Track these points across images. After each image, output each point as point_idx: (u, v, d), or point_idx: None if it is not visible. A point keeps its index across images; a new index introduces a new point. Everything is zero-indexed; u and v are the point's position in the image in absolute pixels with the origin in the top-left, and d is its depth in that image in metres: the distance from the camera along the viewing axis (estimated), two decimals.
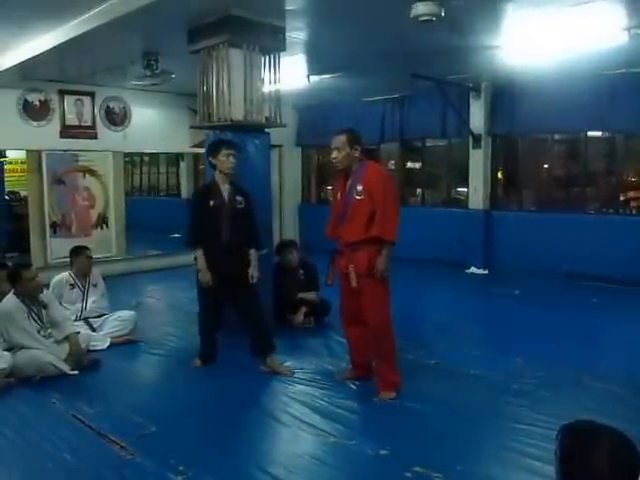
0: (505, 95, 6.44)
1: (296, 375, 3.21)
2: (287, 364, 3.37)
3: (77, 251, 4.03)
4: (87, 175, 6.46)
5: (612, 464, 1.00)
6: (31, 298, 3.27)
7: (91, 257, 4.06)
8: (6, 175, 7.59)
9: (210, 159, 3.26)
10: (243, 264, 3.20)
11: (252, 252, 3.23)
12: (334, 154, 2.86)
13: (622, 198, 6.21)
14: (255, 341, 3.30)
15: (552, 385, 2.99)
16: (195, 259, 3.20)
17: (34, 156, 6.13)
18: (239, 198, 3.23)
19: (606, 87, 5.62)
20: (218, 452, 2.34)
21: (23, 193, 7.24)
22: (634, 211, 6.25)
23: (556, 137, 6.59)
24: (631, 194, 6.30)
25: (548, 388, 2.95)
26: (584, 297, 5.27)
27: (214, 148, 3.27)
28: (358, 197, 2.76)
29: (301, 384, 3.08)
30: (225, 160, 3.19)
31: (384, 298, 2.85)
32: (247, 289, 3.24)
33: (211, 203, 3.17)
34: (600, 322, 4.46)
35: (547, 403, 2.74)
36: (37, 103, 6.06)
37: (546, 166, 6.77)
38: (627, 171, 6.34)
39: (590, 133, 6.15)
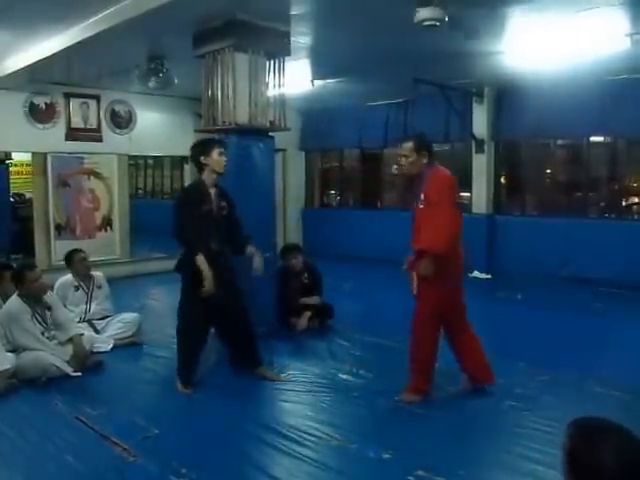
0: (508, 100, 6.46)
1: (299, 378, 3.21)
2: (290, 367, 3.37)
3: (68, 258, 3.99)
4: (92, 178, 6.50)
5: (620, 461, 1.00)
6: (35, 300, 3.28)
7: (85, 258, 4.00)
8: (12, 177, 7.64)
9: (201, 159, 2.99)
10: (231, 273, 3.06)
11: (251, 247, 3.07)
12: (402, 161, 2.82)
13: (624, 203, 6.20)
14: (241, 356, 3.19)
15: (555, 390, 2.98)
16: (195, 265, 2.85)
17: (39, 158, 6.18)
18: (223, 204, 3.04)
19: (609, 92, 5.63)
20: (221, 455, 2.34)
21: (28, 195, 7.29)
22: (636, 216, 6.24)
23: (559, 142, 6.60)
24: (634, 199, 6.30)
25: (551, 393, 2.94)
26: (587, 301, 5.25)
27: (205, 147, 3.01)
28: (421, 206, 2.73)
29: (303, 387, 3.08)
30: (219, 158, 2.97)
31: (425, 305, 2.77)
32: (236, 300, 3.08)
33: (204, 208, 2.95)
34: (603, 326, 4.44)
35: (550, 408, 2.73)
36: (43, 106, 6.11)
37: (549, 171, 6.77)
38: (629, 176, 6.34)
39: (593, 138, 6.16)
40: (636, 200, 6.46)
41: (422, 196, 2.72)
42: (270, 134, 4.04)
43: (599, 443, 1.02)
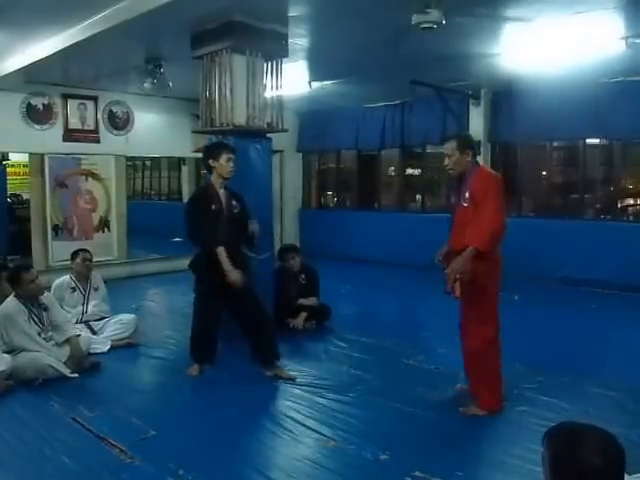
0: (504, 102, 6.48)
1: (296, 379, 3.21)
2: (287, 368, 3.37)
3: (74, 254, 4.07)
4: (89, 178, 6.49)
5: (605, 459, 1.02)
6: (32, 300, 3.28)
7: (89, 260, 4.05)
8: (9, 178, 7.62)
9: (210, 162, 3.16)
10: (243, 268, 3.17)
11: (252, 222, 3.21)
12: (446, 161, 2.76)
13: (620, 205, 6.24)
14: (259, 349, 3.26)
15: (552, 390, 3.00)
16: (210, 261, 3.04)
17: (37, 159, 6.16)
18: (234, 203, 3.20)
19: (604, 95, 5.66)
20: (218, 456, 2.34)
21: (25, 196, 7.28)
22: (632, 217, 6.27)
23: (555, 144, 6.63)
24: (629, 201, 6.34)
25: (548, 394, 2.95)
26: (583, 303, 5.28)
27: (215, 151, 3.20)
28: (465, 204, 2.68)
29: (301, 388, 3.08)
30: (226, 164, 3.14)
31: (484, 316, 2.67)
32: (248, 293, 3.20)
33: (212, 207, 3.13)
34: (599, 328, 4.46)
35: (547, 408, 2.74)
36: (40, 107, 6.10)
37: (545, 173, 6.80)
38: (625, 178, 6.38)
39: (588, 140, 6.20)
40: (631, 202, 6.50)
41: (467, 194, 2.67)
42: (267, 135, 4.05)
43: (581, 445, 1.04)
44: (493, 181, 2.70)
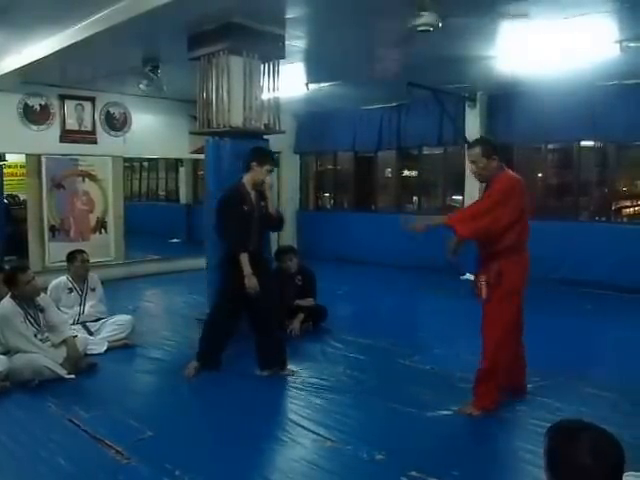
0: (500, 104, 6.53)
1: (293, 380, 3.22)
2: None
3: (72, 256, 4.04)
4: (86, 179, 6.48)
5: (595, 459, 1.03)
6: (28, 301, 3.27)
7: (87, 261, 4.05)
8: (5, 178, 7.59)
9: (253, 163, 3.18)
10: (264, 268, 3.21)
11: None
12: (472, 167, 2.69)
13: (614, 207, 6.29)
14: (268, 355, 3.26)
15: (547, 391, 3.01)
16: (234, 264, 3.06)
17: (34, 160, 6.15)
18: (262, 204, 3.23)
19: (599, 98, 5.71)
20: (214, 457, 2.35)
21: (22, 197, 7.25)
22: (625, 219, 6.32)
23: (550, 146, 6.68)
24: (624, 203, 6.39)
25: (544, 394, 2.97)
26: (578, 303, 5.31)
27: (263, 158, 3.21)
28: None
29: (297, 389, 3.09)
30: (265, 174, 3.18)
31: (499, 320, 2.62)
32: (267, 299, 3.20)
33: (245, 208, 3.13)
34: (594, 328, 4.49)
35: (543, 409, 2.76)
36: (37, 107, 6.09)
37: (540, 175, 6.84)
38: (619, 180, 6.42)
39: (583, 143, 6.25)
40: (625, 204, 6.55)
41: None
42: (265, 137, 4.06)
43: (574, 443, 1.06)
44: (510, 182, 2.60)
